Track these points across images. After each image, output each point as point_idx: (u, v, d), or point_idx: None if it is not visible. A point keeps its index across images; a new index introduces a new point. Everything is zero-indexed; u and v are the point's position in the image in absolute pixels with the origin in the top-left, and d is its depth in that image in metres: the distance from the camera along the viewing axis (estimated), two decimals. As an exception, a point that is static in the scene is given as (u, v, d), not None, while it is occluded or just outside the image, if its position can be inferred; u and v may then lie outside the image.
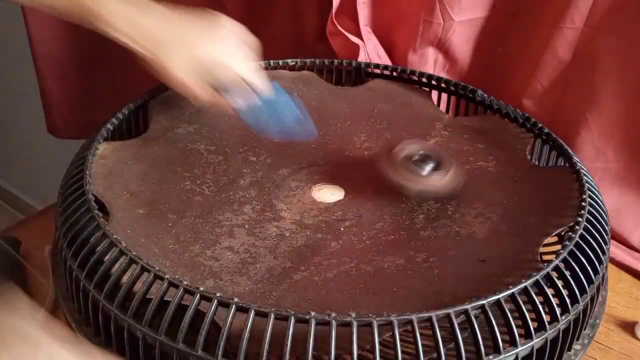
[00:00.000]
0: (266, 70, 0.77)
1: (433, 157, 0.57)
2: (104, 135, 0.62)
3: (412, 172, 0.56)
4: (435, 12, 0.76)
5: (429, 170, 0.57)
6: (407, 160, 0.57)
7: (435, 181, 0.57)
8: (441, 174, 0.57)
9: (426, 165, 0.57)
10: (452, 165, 0.57)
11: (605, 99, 0.73)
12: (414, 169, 0.56)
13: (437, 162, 0.57)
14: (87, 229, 0.50)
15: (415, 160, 0.57)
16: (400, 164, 0.56)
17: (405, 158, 0.57)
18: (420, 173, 0.56)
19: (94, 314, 0.48)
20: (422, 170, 0.56)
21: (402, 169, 0.56)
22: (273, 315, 0.42)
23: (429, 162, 0.57)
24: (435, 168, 0.57)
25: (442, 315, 0.43)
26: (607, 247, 0.53)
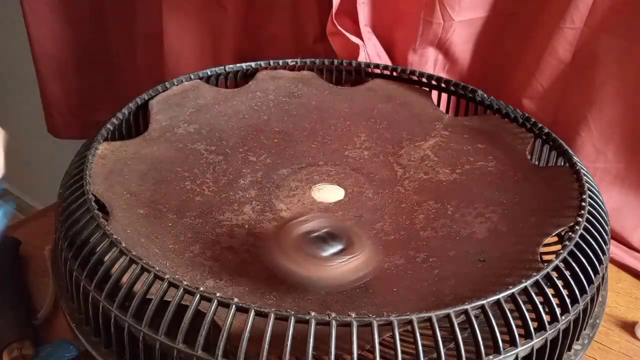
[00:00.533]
0: (266, 70, 0.77)
1: (340, 236, 0.44)
2: (104, 135, 0.62)
3: (307, 253, 0.43)
4: (435, 12, 0.76)
5: (331, 253, 0.44)
6: (304, 237, 0.44)
7: (336, 267, 0.44)
8: (347, 259, 0.43)
9: (329, 245, 0.44)
10: (364, 249, 0.44)
11: (605, 99, 0.73)
12: (311, 248, 0.43)
13: (345, 242, 0.44)
14: (87, 229, 0.50)
15: (315, 238, 0.44)
16: (295, 242, 0.44)
17: (303, 235, 0.44)
18: (319, 254, 0.44)
19: (94, 314, 0.48)
20: (322, 251, 0.44)
21: (296, 248, 0.43)
22: (273, 315, 0.42)
23: (334, 241, 0.44)
24: (341, 250, 0.44)
25: (442, 315, 0.43)
26: (607, 247, 0.53)
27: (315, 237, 0.44)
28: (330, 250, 0.44)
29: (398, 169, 0.65)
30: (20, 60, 1.33)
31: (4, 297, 0.61)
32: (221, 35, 0.93)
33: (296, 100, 0.75)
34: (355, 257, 0.44)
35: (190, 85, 0.73)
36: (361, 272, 0.44)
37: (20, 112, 1.73)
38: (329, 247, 0.44)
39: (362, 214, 0.59)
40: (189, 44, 0.95)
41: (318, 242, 0.43)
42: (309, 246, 0.43)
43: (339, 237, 0.44)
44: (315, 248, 0.43)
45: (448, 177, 0.63)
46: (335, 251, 0.44)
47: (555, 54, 0.74)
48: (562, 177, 0.60)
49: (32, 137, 1.67)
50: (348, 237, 0.45)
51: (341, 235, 0.44)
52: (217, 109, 0.72)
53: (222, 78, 0.76)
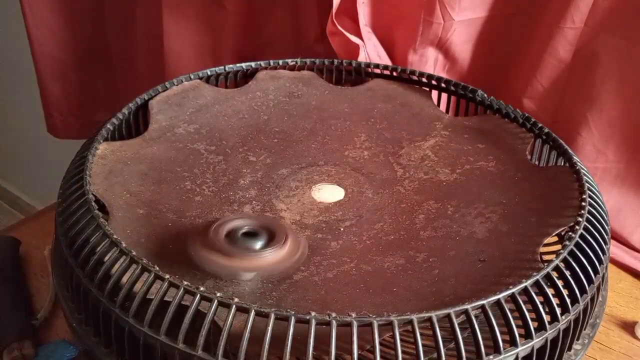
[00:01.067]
0: (266, 70, 0.77)
1: (262, 230, 0.48)
2: (104, 135, 0.62)
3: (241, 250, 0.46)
4: (435, 12, 0.76)
5: (261, 245, 0.47)
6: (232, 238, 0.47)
7: (272, 256, 0.47)
8: (277, 247, 0.47)
9: (256, 240, 0.47)
10: (287, 234, 0.48)
11: (605, 99, 0.73)
12: (244, 246, 0.46)
13: (268, 234, 0.48)
14: (87, 229, 0.50)
15: (241, 236, 0.47)
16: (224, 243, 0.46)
17: (228, 235, 0.47)
18: (253, 249, 0.46)
19: (94, 314, 0.48)
20: (253, 246, 0.47)
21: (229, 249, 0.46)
22: (273, 316, 0.42)
23: (259, 236, 0.47)
24: (268, 242, 0.47)
25: (442, 315, 0.43)
26: (607, 247, 0.53)
27: (242, 234, 0.47)
28: (259, 243, 0.47)
29: (398, 169, 0.65)
30: (20, 60, 1.33)
31: (4, 297, 0.61)
32: (221, 35, 0.93)
33: (296, 100, 0.75)
34: (283, 242, 0.47)
35: (190, 85, 0.73)
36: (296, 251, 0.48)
37: (20, 112, 1.73)
38: (257, 240, 0.47)
39: (362, 214, 0.59)
40: (189, 44, 0.95)
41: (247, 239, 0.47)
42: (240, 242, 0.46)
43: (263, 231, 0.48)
44: (245, 243, 0.47)
45: (448, 177, 0.63)
46: (262, 244, 0.47)
47: (555, 54, 0.74)
48: (562, 177, 0.60)
49: (32, 137, 1.67)
50: (271, 230, 0.48)
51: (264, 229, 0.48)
52: (217, 109, 0.72)
53: (222, 78, 0.76)
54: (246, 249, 0.46)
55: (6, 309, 0.60)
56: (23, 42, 1.11)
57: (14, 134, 1.83)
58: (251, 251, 0.47)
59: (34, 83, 1.14)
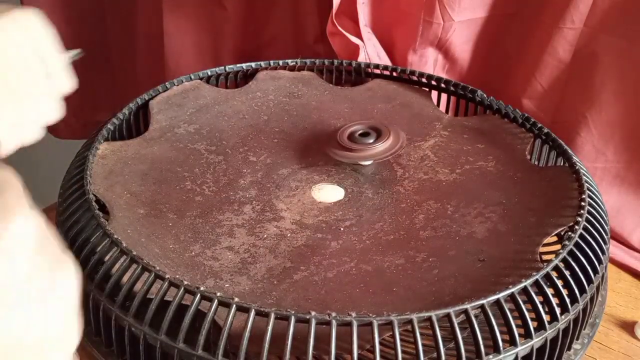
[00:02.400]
0: (266, 70, 0.77)
1: (372, 131, 0.65)
2: (104, 135, 0.62)
3: (360, 145, 0.64)
4: (435, 12, 0.76)
5: (372, 141, 0.64)
6: (352, 137, 0.64)
7: (381, 146, 0.64)
8: (383, 140, 0.64)
9: (369, 137, 0.64)
10: (390, 132, 0.64)
11: (605, 99, 0.73)
12: (360, 142, 0.64)
13: (377, 133, 0.65)
14: (88, 228, 0.50)
15: (358, 135, 0.64)
16: (347, 141, 0.64)
17: (349, 135, 0.65)
18: (367, 143, 0.64)
19: (95, 314, 0.48)
20: (367, 140, 0.64)
21: (350, 145, 0.64)
22: (273, 315, 0.42)
23: (370, 135, 0.64)
24: (377, 138, 0.64)
25: (442, 315, 0.43)
26: (606, 246, 0.53)
27: (359, 134, 0.65)
28: (370, 139, 0.64)
29: (398, 169, 0.65)
30: (20, 60, 1.33)
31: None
32: (221, 35, 0.93)
33: (296, 101, 0.75)
34: (387, 139, 0.64)
35: (191, 86, 0.73)
36: (397, 143, 0.64)
37: (20, 112, 1.73)
38: (369, 137, 0.64)
39: (362, 213, 0.59)
40: (189, 44, 0.95)
41: (362, 137, 0.64)
42: (358, 140, 0.64)
43: (373, 131, 0.65)
44: (363, 140, 0.64)
45: (448, 177, 0.64)
46: (373, 139, 0.64)
47: (555, 54, 0.74)
48: (562, 177, 0.60)
49: (32, 137, 1.66)
50: (378, 129, 0.65)
51: (374, 129, 0.65)
52: (217, 109, 0.72)
53: (222, 78, 0.76)
54: (363, 144, 0.64)
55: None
56: (23, 42, 1.11)
57: (14, 134, 1.82)
58: (366, 145, 0.64)
59: (34, 83, 1.13)
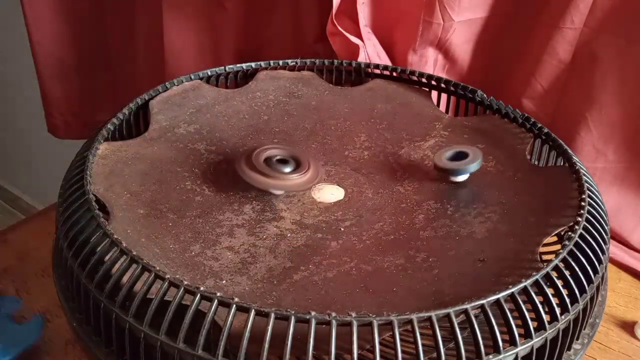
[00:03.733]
0: (266, 70, 0.78)
1: (291, 159, 0.61)
2: (104, 136, 0.62)
3: (275, 172, 0.59)
4: (435, 12, 0.76)
5: (289, 171, 0.60)
6: (268, 162, 0.60)
7: (296, 179, 0.60)
8: (300, 173, 0.60)
9: (285, 166, 0.60)
10: (309, 164, 0.61)
11: (605, 99, 0.73)
12: (276, 169, 0.59)
13: (295, 162, 0.61)
14: (88, 229, 0.50)
15: (275, 162, 0.60)
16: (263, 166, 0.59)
17: (266, 160, 0.60)
18: (282, 172, 0.59)
19: (94, 314, 0.48)
20: (282, 170, 0.60)
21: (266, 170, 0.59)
22: (273, 315, 0.42)
23: (288, 163, 0.60)
24: (295, 169, 0.60)
25: (442, 315, 0.43)
26: (606, 246, 0.53)
27: (276, 160, 0.60)
28: (288, 168, 0.60)
29: (398, 169, 0.65)
30: (20, 60, 1.33)
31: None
32: (221, 35, 0.94)
33: (296, 100, 0.75)
34: (306, 171, 0.60)
35: (191, 86, 0.73)
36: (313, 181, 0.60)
37: (20, 112, 1.74)
38: (287, 166, 0.60)
39: (362, 214, 0.59)
40: (189, 44, 0.96)
41: (279, 163, 0.60)
42: (275, 166, 0.59)
43: (292, 160, 0.60)
44: (279, 167, 0.59)
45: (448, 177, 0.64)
46: (292, 169, 0.60)
47: (555, 54, 0.74)
48: (562, 177, 0.60)
49: (32, 137, 1.67)
50: (298, 159, 0.61)
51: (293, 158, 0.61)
52: (217, 109, 0.72)
53: (222, 78, 0.76)
54: (278, 172, 0.59)
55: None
56: (23, 42, 1.11)
57: (14, 134, 1.83)
58: (282, 173, 0.59)
59: (34, 83, 1.14)
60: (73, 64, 1.11)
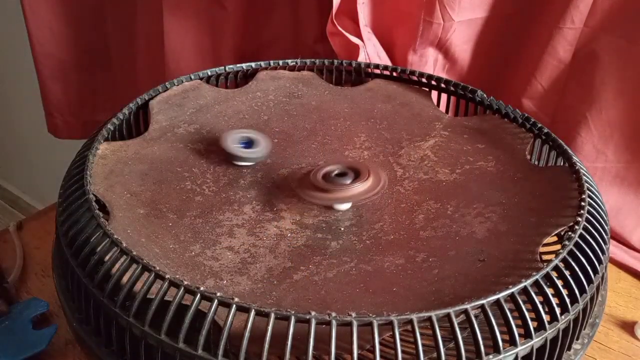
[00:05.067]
0: (266, 70, 0.78)
1: (349, 170, 0.60)
2: (104, 135, 0.62)
3: (337, 186, 0.59)
4: (435, 12, 0.76)
5: (350, 181, 0.59)
6: (327, 179, 0.59)
7: (360, 187, 0.59)
8: (362, 181, 0.59)
9: (346, 178, 0.59)
10: (369, 171, 0.60)
11: (605, 99, 0.73)
12: (337, 183, 0.59)
13: (355, 172, 0.60)
14: (88, 229, 0.50)
15: (334, 176, 0.60)
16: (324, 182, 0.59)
17: (324, 177, 0.60)
18: (345, 184, 0.59)
19: (95, 314, 0.48)
20: (344, 181, 0.59)
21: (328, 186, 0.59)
22: (273, 315, 0.42)
23: (347, 175, 0.60)
24: (355, 178, 0.59)
25: (442, 315, 0.43)
26: (606, 246, 0.53)
27: (335, 175, 0.60)
28: (348, 179, 0.59)
29: (398, 169, 0.65)
30: (20, 60, 1.33)
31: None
32: (221, 36, 0.94)
33: (296, 100, 0.75)
34: (366, 180, 0.59)
35: (191, 86, 0.73)
36: (374, 190, 0.59)
37: (20, 112, 1.74)
38: (346, 178, 0.59)
39: (362, 213, 0.59)
40: (189, 44, 0.96)
41: (338, 177, 0.59)
42: (334, 180, 0.59)
43: (350, 171, 0.60)
44: (338, 180, 0.59)
45: (448, 177, 0.64)
46: (351, 180, 0.59)
47: (555, 54, 0.74)
48: (562, 177, 0.60)
49: (32, 137, 1.67)
50: (358, 169, 0.60)
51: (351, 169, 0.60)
52: (217, 109, 0.72)
53: (222, 78, 0.76)
54: (339, 185, 0.58)
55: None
56: (23, 42, 1.11)
57: (14, 134, 1.83)
58: (343, 186, 0.58)
59: (34, 83, 1.14)
60: (73, 64, 1.11)
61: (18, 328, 0.58)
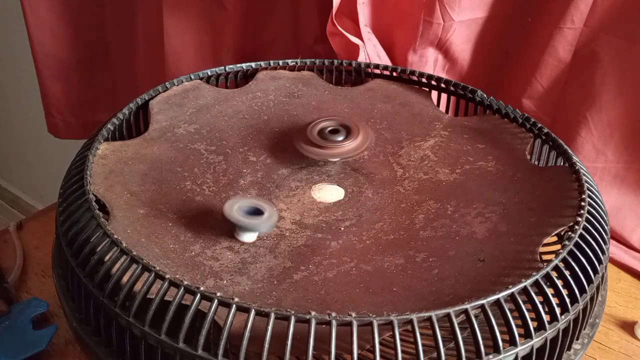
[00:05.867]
0: (266, 70, 0.78)
1: (342, 128, 0.65)
2: (104, 135, 0.62)
3: (328, 142, 0.64)
4: (435, 12, 0.76)
5: (341, 139, 0.64)
6: (321, 133, 0.65)
7: (350, 145, 0.64)
8: (352, 139, 0.64)
9: (338, 135, 0.64)
10: (359, 129, 0.65)
11: (605, 99, 0.73)
12: (329, 139, 0.64)
13: (346, 130, 0.65)
14: (88, 228, 0.50)
15: (328, 132, 0.65)
16: (316, 138, 0.64)
17: (320, 133, 0.65)
18: (335, 140, 0.64)
19: (95, 314, 0.48)
20: (335, 138, 0.64)
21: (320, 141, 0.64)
22: (273, 315, 0.42)
23: (340, 132, 0.65)
24: (346, 136, 0.64)
25: (442, 315, 0.43)
26: (606, 246, 0.53)
27: (328, 131, 0.65)
28: (339, 136, 0.64)
29: (398, 169, 0.65)
30: (20, 60, 1.33)
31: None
32: (221, 36, 0.94)
33: (296, 101, 0.75)
34: (356, 138, 0.64)
35: (191, 86, 0.73)
36: (365, 142, 0.65)
37: (20, 112, 1.74)
38: (338, 135, 0.64)
39: (362, 213, 0.59)
40: (189, 44, 0.96)
41: (331, 134, 0.65)
42: (327, 136, 0.64)
43: (342, 128, 0.65)
44: (330, 136, 0.64)
45: (448, 177, 0.64)
46: (343, 137, 0.64)
47: (555, 54, 0.74)
48: (562, 177, 0.60)
49: (32, 137, 1.67)
50: (349, 127, 0.65)
51: (344, 127, 0.65)
52: (217, 109, 0.72)
53: (222, 78, 0.76)
54: (332, 141, 0.64)
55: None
56: (23, 42, 1.11)
57: (15, 134, 1.83)
58: (336, 142, 0.64)
59: (34, 83, 1.14)
60: (73, 64, 1.11)
61: (18, 328, 0.58)
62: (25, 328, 0.58)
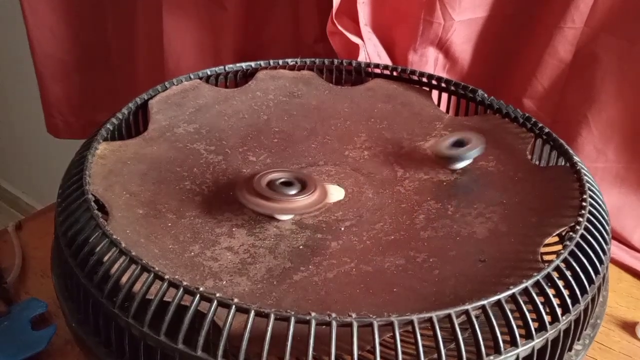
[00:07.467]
0: (266, 70, 0.77)
1: (296, 181, 0.57)
2: (103, 135, 0.62)
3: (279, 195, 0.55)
4: (435, 12, 0.76)
5: (295, 192, 0.56)
6: (271, 186, 0.56)
7: (304, 201, 0.56)
8: (308, 194, 0.56)
9: (291, 188, 0.56)
10: (316, 185, 0.57)
11: (605, 99, 0.73)
12: (281, 192, 0.55)
13: (302, 184, 0.57)
14: (87, 229, 0.50)
15: (279, 184, 0.56)
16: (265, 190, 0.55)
17: (269, 184, 0.56)
18: (289, 194, 0.55)
19: (94, 314, 0.48)
20: (289, 192, 0.55)
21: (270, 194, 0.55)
22: (273, 316, 0.41)
23: (293, 185, 0.56)
24: (301, 190, 0.56)
25: (442, 316, 0.42)
26: (607, 247, 0.53)
27: (280, 183, 0.56)
28: (293, 190, 0.56)
29: (398, 169, 0.65)
30: (20, 60, 1.33)
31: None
32: (221, 35, 0.93)
33: (296, 100, 0.75)
34: (311, 193, 0.56)
35: (190, 85, 0.73)
36: (319, 203, 0.56)
37: (20, 112, 1.73)
38: (291, 188, 0.56)
39: (362, 214, 0.59)
40: (189, 44, 0.95)
41: (283, 186, 0.56)
42: (278, 188, 0.56)
43: (297, 181, 0.57)
44: (283, 189, 0.56)
45: (448, 177, 0.63)
46: (296, 191, 0.56)
47: (555, 53, 0.74)
48: (563, 177, 0.60)
49: (31, 137, 1.67)
50: (304, 181, 0.57)
51: (298, 180, 0.57)
52: (217, 109, 0.72)
53: (222, 78, 0.76)
54: (283, 194, 0.55)
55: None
56: (23, 42, 1.11)
57: (14, 134, 1.83)
58: (287, 196, 0.55)
59: (34, 83, 1.14)
60: (73, 64, 1.11)
61: (17, 328, 0.58)
62: (24, 328, 0.58)
